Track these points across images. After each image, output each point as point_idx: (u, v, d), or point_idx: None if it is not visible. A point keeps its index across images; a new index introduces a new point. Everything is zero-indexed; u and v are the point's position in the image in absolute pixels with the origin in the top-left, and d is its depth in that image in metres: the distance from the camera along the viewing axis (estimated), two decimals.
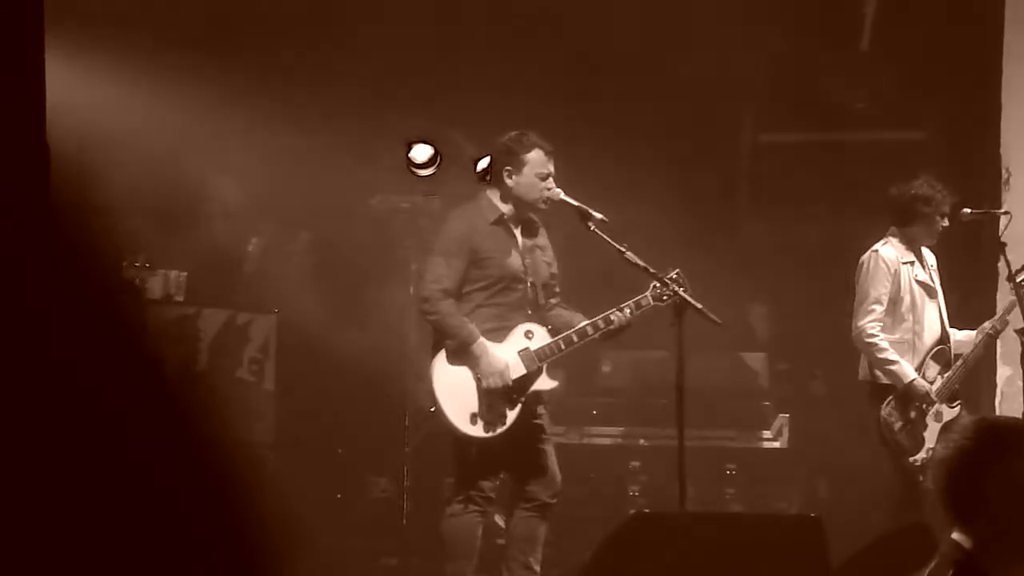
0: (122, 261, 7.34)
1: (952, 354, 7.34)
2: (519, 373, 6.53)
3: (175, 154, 8.34)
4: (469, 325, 6.50)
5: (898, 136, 9.63)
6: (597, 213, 6.50)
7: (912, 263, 7.30)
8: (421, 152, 7.82)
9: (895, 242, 7.32)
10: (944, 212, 7.30)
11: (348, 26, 8.94)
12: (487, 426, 6.48)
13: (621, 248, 6.45)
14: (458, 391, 6.48)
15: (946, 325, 7.38)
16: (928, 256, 7.41)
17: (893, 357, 7.17)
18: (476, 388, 6.49)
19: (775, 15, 8.95)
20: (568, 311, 6.73)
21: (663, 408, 7.33)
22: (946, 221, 7.32)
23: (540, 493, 6.64)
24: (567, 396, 7.62)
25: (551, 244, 6.81)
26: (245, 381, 8.07)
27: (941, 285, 7.42)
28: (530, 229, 6.71)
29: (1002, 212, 7.61)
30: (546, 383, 6.61)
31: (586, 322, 6.58)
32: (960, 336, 7.41)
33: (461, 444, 6.55)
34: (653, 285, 6.46)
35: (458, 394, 6.48)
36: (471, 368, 6.50)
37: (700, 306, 6.35)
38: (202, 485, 2.37)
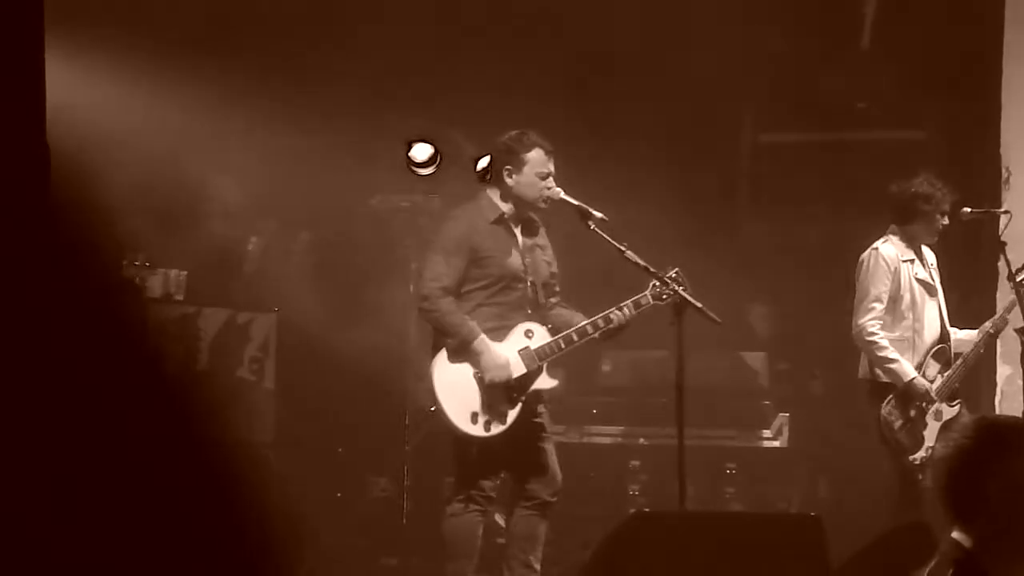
0: (122, 260, 7.35)
1: (952, 353, 7.34)
2: (520, 372, 6.52)
3: (175, 154, 8.34)
4: (469, 322, 6.49)
5: (898, 136, 9.62)
6: (597, 212, 6.50)
7: (912, 261, 7.30)
8: (421, 151, 7.84)
9: (895, 240, 7.32)
10: (944, 210, 7.29)
11: (348, 26, 8.94)
12: (487, 425, 6.48)
13: (621, 247, 6.45)
14: (458, 390, 6.47)
15: (946, 324, 7.37)
16: (928, 255, 7.41)
17: (893, 355, 7.17)
18: (477, 387, 6.49)
19: (775, 15, 8.95)
20: (568, 310, 6.73)
21: (663, 407, 7.32)
22: (946, 219, 7.32)
23: (540, 492, 6.63)
24: (567, 395, 7.62)
25: (551, 243, 6.81)
26: (245, 380, 8.06)
27: (941, 284, 7.42)
28: (530, 228, 6.71)
29: (1002, 211, 7.60)
30: (546, 382, 6.61)
31: (586, 321, 6.58)
32: (961, 335, 7.40)
33: (461, 443, 6.54)
34: (652, 284, 6.46)
35: (458, 393, 6.47)
36: (473, 365, 6.49)
37: (700, 305, 6.36)
38: (202, 484, 2.37)
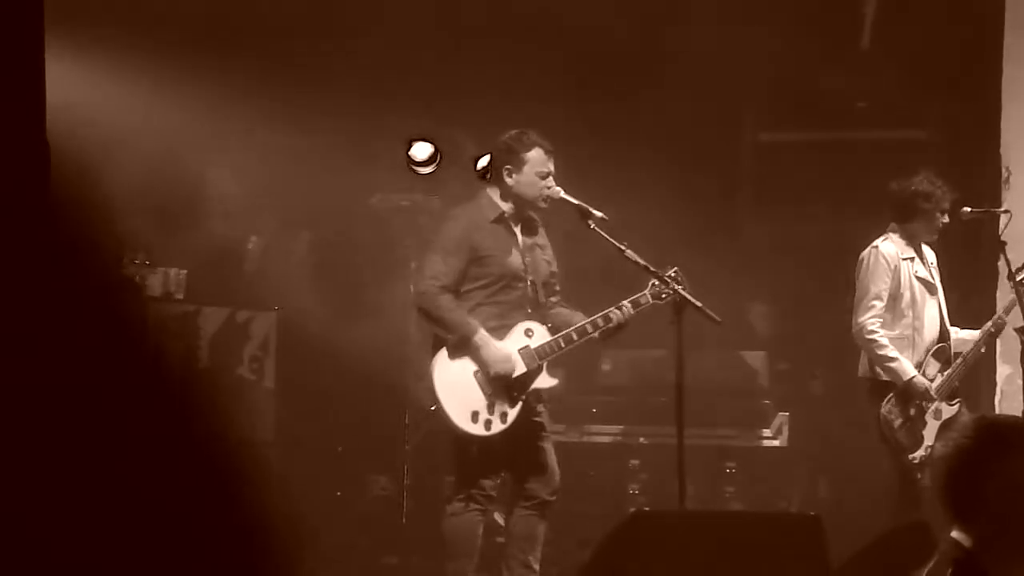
0: (122, 258, 7.36)
1: (952, 352, 7.34)
2: (520, 370, 6.52)
3: (175, 153, 8.34)
4: (468, 318, 6.49)
5: (898, 135, 9.62)
6: (597, 211, 6.50)
7: (912, 259, 7.29)
8: (421, 150, 7.84)
9: (895, 238, 7.32)
10: (944, 208, 7.29)
11: (348, 26, 8.94)
12: (488, 424, 6.48)
13: (621, 246, 6.45)
14: (459, 389, 6.47)
15: (946, 322, 7.37)
16: (928, 253, 7.41)
17: (893, 354, 7.17)
18: (477, 385, 6.49)
19: (775, 15, 8.95)
20: (568, 309, 6.73)
21: (663, 406, 7.32)
22: (946, 217, 7.32)
23: (540, 491, 6.63)
24: (567, 394, 7.61)
25: (551, 242, 6.81)
26: (245, 379, 8.06)
27: (941, 283, 7.42)
28: (530, 227, 6.71)
29: (1002, 211, 7.60)
30: (546, 381, 6.61)
31: (585, 320, 6.58)
32: (961, 334, 7.40)
33: (461, 442, 6.53)
34: (652, 283, 6.46)
35: (459, 392, 6.47)
36: (475, 360, 6.48)
37: (699, 304, 6.36)
38: (203, 483, 2.37)
